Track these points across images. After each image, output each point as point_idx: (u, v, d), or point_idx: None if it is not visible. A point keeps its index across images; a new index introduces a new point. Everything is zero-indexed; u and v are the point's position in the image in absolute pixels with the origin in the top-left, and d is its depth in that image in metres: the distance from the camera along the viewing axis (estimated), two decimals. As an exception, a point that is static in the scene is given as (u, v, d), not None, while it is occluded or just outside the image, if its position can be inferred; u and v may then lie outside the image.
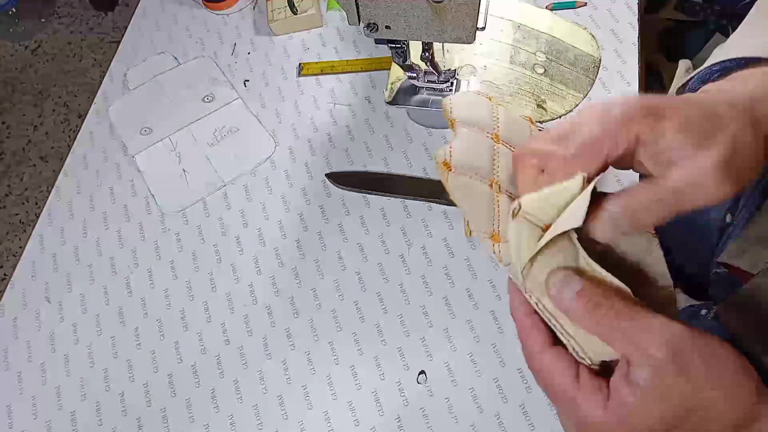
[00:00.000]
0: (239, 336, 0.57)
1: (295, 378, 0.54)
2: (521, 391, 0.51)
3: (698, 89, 0.35)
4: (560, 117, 0.61)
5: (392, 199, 0.61)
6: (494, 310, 0.54)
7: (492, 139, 0.39)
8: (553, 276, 0.31)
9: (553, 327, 0.32)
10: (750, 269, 0.49)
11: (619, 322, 0.29)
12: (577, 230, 0.31)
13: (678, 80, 0.55)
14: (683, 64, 0.55)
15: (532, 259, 0.31)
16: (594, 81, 0.63)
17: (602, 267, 0.31)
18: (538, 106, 0.61)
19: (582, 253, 0.31)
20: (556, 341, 0.32)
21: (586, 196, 0.30)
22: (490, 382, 0.51)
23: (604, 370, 0.31)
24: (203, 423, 0.53)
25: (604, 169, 0.32)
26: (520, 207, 0.31)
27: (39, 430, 0.55)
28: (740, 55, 0.42)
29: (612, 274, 0.31)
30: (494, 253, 0.34)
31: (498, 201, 0.36)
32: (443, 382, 0.52)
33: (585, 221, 0.30)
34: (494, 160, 0.38)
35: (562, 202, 0.31)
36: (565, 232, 0.31)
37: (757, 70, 0.34)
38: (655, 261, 0.34)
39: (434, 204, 0.60)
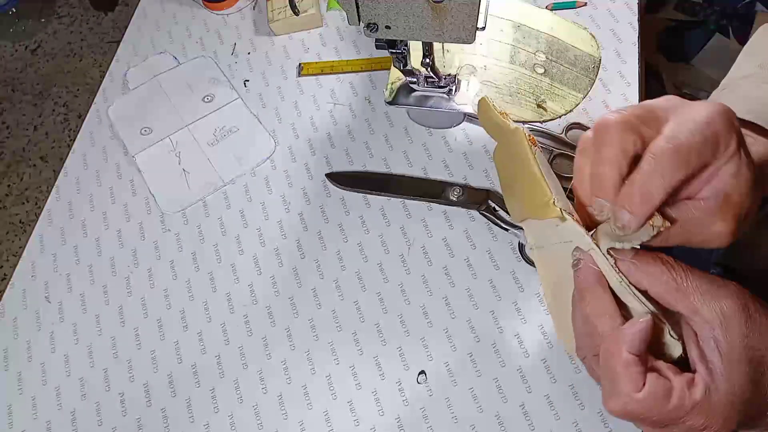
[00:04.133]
0: (239, 336, 0.57)
1: (295, 378, 0.54)
2: (521, 391, 0.51)
3: None
4: (560, 117, 0.61)
5: (392, 199, 0.61)
6: (494, 310, 0.54)
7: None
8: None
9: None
10: (745, 269, 0.49)
11: (688, 281, 0.31)
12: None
13: None
14: None
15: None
16: (594, 81, 0.63)
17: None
18: (538, 106, 0.61)
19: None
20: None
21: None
22: (490, 382, 0.51)
23: None
24: (203, 423, 0.53)
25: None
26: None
27: (39, 430, 0.55)
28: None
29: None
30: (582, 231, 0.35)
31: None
32: (443, 382, 0.52)
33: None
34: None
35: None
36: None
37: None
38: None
39: (434, 204, 0.60)
